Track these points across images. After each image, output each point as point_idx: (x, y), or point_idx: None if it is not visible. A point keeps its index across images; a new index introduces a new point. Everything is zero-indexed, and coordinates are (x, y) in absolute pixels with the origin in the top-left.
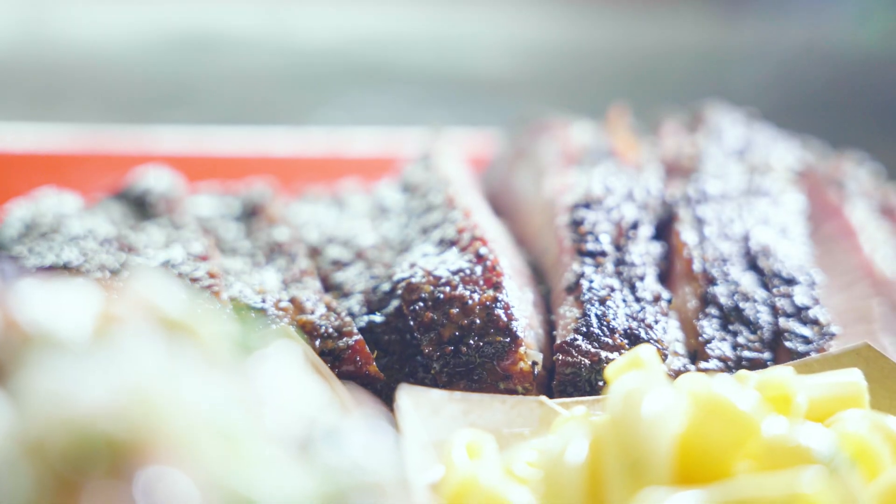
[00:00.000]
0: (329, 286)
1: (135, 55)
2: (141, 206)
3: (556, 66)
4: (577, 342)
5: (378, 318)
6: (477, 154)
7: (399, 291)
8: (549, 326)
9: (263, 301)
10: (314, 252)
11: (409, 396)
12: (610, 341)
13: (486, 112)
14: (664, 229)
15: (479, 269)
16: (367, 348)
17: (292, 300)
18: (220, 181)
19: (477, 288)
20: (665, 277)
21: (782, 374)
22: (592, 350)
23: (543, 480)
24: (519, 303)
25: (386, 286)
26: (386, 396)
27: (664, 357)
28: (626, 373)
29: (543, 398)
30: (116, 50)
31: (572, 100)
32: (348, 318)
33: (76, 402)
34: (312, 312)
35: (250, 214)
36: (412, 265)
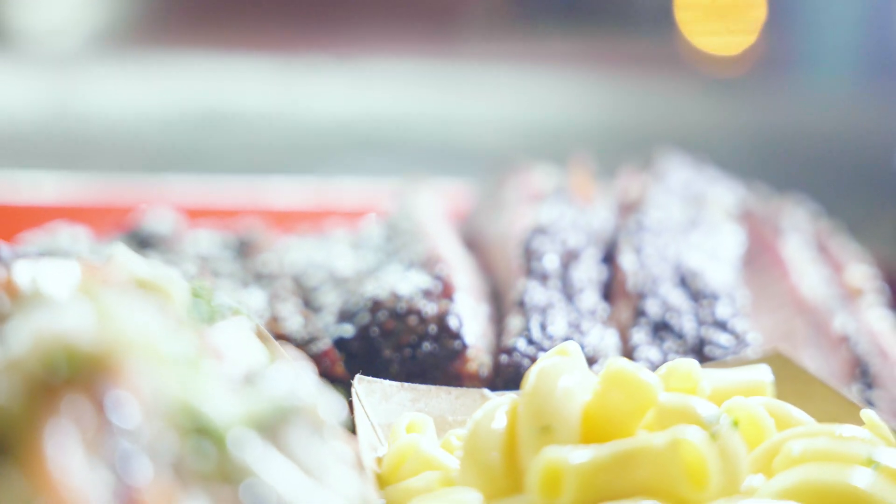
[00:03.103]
0: (308, 305)
1: (151, 129)
2: (145, 242)
3: (545, 139)
4: (519, 345)
5: (348, 328)
6: (459, 204)
7: (368, 306)
8: (501, 335)
9: None
10: (297, 278)
11: (362, 385)
12: (548, 344)
13: (477, 172)
14: (611, 258)
15: (437, 285)
16: (336, 353)
17: (273, 314)
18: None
19: (434, 300)
20: (608, 298)
21: (688, 362)
22: (532, 352)
23: (463, 445)
24: (472, 314)
25: (356, 302)
26: (351, 395)
27: (597, 360)
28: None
29: (485, 390)
30: (135, 123)
31: (554, 161)
32: (321, 328)
33: (55, 327)
34: (290, 323)
35: (242, 246)
36: (379, 284)
